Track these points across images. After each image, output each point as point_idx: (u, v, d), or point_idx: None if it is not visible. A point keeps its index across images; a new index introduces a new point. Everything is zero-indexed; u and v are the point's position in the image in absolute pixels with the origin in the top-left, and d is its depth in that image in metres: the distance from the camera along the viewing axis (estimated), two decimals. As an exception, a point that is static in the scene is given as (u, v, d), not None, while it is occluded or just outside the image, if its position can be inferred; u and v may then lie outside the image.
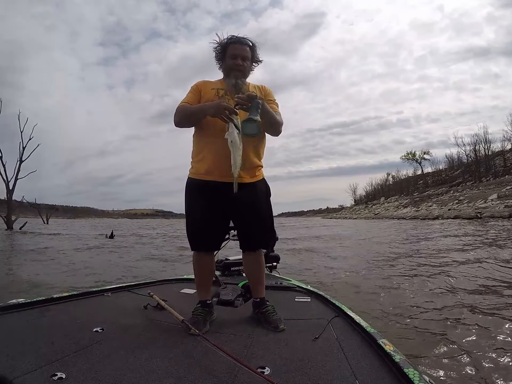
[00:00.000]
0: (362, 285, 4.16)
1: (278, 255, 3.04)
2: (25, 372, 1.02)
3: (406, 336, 2.37)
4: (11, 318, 1.51)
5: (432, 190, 52.23)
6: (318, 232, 18.02)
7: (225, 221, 1.70)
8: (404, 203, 50.54)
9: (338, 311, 1.71)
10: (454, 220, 22.27)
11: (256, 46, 1.70)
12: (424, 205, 40.64)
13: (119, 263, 7.09)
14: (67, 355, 1.16)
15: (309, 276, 4.95)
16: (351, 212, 70.21)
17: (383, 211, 50.70)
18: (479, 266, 4.95)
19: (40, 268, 6.23)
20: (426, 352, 2.06)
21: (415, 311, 2.96)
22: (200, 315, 1.56)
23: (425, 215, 31.52)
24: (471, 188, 40.00)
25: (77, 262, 6.96)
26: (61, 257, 8.03)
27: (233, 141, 1.40)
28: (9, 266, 6.55)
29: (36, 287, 4.38)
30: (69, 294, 1.92)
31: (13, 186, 22.35)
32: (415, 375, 0.99)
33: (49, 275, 5.53)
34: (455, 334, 2.35)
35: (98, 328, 1.43)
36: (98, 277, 5.23)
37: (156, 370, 1.09)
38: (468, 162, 49.96)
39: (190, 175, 1.69)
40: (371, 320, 2.29)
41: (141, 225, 44.11)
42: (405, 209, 43.62)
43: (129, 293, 2.14)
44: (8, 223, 21.31)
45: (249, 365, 1.07)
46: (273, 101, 1.74)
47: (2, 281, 4.95)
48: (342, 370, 1.11)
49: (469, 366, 1.87)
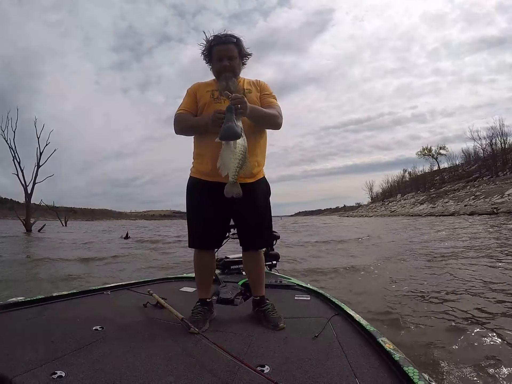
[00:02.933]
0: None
1: (278, 254, 3.06)
2: (25, 370, 1.02)
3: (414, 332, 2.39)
4: (10, 317, 1.52)
5: (448, 186, 51.66)
6: (339, 232, 16.71)
7: (226, 220, 1.71)
8: (420, 199, 49.91)
9: (338, 309, 1.71)
10: (470, 216, 21.82)
11: (241, 41, 1.66)
12: (441, 201, 40.04)
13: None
14: (66, 354, 1.16)
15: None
16: (367, 210, 69.69)
17: (399, 208, 50.14)
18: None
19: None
20: (426, 352, 2.06)
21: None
22: (200, 313, 1.57)
23: (441, 212, 30.97)
24: (487, 183, 39.21)
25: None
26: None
27: (225, 144, 1.37)
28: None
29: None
30: (69, 292, 1.92)
31: (31, 190, 23.13)
32: (415, 373, 0.99)
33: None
34: (456, 333, 2.35)
35: (98, 327, 1.44)
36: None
37: (156, 369, 1.09)
38: (485, 156, 48.69)
39: (191, 174, 1.70)
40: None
41: (157, 225, 44.69)
42: (421, 206, 43.06)
43: (129, 291, 2.14)
44: (27, 226, 21.98)
45: (249, 364, 1.07)
46: (270, 94, 1.72)
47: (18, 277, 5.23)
48: (341, 369, 1.11)
49: (469, 366, 1.85)
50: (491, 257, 5.65)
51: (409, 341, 2.24)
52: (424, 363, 1.88)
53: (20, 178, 22.77)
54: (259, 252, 1.74)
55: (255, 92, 1.70)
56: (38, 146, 23.60)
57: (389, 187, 79.78)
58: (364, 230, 17.29)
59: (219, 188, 1.51)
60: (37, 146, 23.56)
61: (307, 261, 6.73)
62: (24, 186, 22.88)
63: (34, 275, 5.52)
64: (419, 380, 0.96)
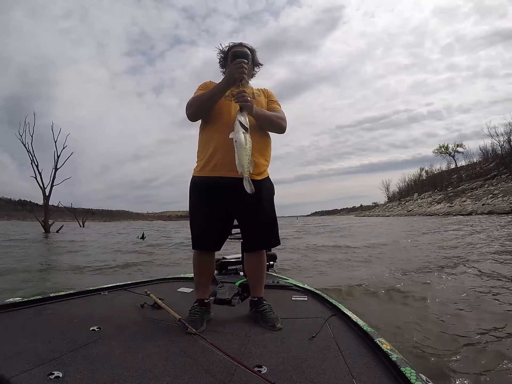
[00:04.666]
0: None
1: (275, 254, 3.05)
2: (22, 371, 1.02)
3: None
4: (7, 317, 1.52)
5: (466, 185, 50.27)
6: (370, 234, 14.48)
7: (229, 221, 1.70)
8: (437, 199, 49.11)
9: (335, 310, 1.70)
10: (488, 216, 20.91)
11: (256, 51, 1.77)
12: (458, 200, 39.22)
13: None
14: (64, 354, 1.16)
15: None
16: (384, 210, 68.98)
17: (416, 208, 49.45)
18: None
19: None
20: (427, 351, 2.01)
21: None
22: (197, 313, 1.57)
23: (459, 211, 30.31)
24: (506, 181, 38.29)
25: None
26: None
27: (238, 141, 1.40)
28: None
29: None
30: (66, 293, 1.92)
31: (49, 192, 23.99)
32: (412, 373, 0.99)
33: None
34: (456, 333, 2.28)
35: (95, 327, 1.44)
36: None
37: (153, 369, 1.09)
38: (503, 154, 47.34)
39: (195, 173, 1.69)
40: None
41: (175, 226, 45.00)
42: (439, 205, 42.39)
43: (126, 292, 2.14)
44: (45, 227, 22.58)
45: (246, 364, 1.07)
46: (275, 102, 1.80)
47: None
48: (339, 369, 1.11)
49: (469, 366, 1.82)
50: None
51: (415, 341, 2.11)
52: (424, 363, 1.83)
53: (38, 181, 23.65)
54: (262, 253, 1.74)
55: (263, 97, 1.77)
56: (55, 150, 24.57)
57: (406, 186, 78.85)
58: (392, 230, 16.30)
59: (224, 184, 1.52)
60: (55, 150, 24.54)
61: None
62: (42, 188, 23.69)
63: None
64: (416, 380, 0.95)
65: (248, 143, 1.42)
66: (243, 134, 1.41)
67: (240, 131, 1.41)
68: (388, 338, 1.33)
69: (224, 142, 1.50)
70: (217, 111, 1.61)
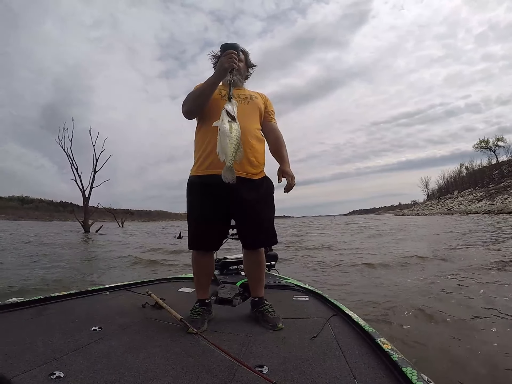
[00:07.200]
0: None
1: (277, 254, 3.05)
2: (24, 371, 1.02)
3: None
4: (9, 317, 1.52)
5: (508, 181, 47.94)
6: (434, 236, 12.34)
7: (227, 221, 1.69)
8: (478, 196, 46.88)
9: (336, 310, 1.70)
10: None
11: (248, 53, 1.78)
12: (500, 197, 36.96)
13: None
14: (65, 354, 1.16)
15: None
16: (423, 208, 67.64)
17: (457, 206, 47.75)
18: None
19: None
20: (427, 351, 2.03)
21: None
22: (199, 313, 1.57)
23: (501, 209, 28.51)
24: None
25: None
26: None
27: (221, 129, 1.38)
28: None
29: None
30: (67, 293, 1.93)
31: (89, 194, 25.17)
32: (413, 373, 0.98)
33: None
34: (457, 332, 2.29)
35: (96, 327, 1.44)
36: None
37: (154, 369, 1.09)
38: (547, 146, 43.92)
39: (192, 173, 1.68)
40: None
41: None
42: (480, 203, 40.64)
43: (127, 292, 2.15)
44: (85, 227, 23.84)
45: (247, 364, 1.06)
46: (272, 113, 1.85)
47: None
48: (340, 369, 1.11)
49: (469, 366, 1.82)
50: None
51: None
52: (424, 364, 1.79)
53: (78, 183, 24.94)
54: (260, 252, 1.73)
55: (260, 100, 1.78)
56: (94, 153, 25.59)
57: (446, 183, 76.82)
58: (452, 230, 14.26)
59: (221, 182, 1.52)
60: (93, 153, 25.58)
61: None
62: (82, 190, 24.95)
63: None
64: (417, 380, 0.95)
65: (234, 132, 1.38)
66: (229, 122, 1.39)
67: (225, 119, 1.39)
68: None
69: (216, 138, 1.49)
70: (213, 111, 1.59)
